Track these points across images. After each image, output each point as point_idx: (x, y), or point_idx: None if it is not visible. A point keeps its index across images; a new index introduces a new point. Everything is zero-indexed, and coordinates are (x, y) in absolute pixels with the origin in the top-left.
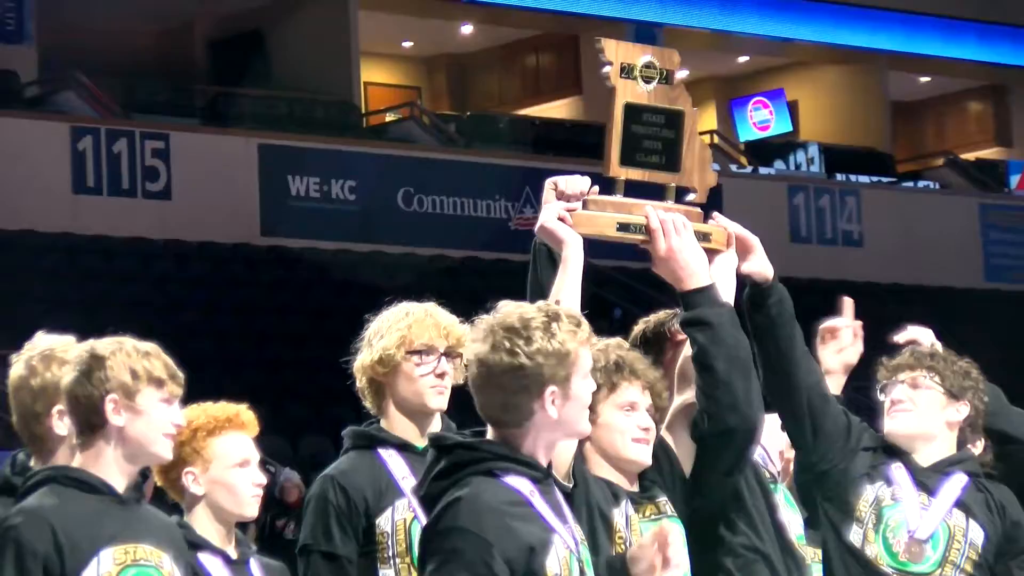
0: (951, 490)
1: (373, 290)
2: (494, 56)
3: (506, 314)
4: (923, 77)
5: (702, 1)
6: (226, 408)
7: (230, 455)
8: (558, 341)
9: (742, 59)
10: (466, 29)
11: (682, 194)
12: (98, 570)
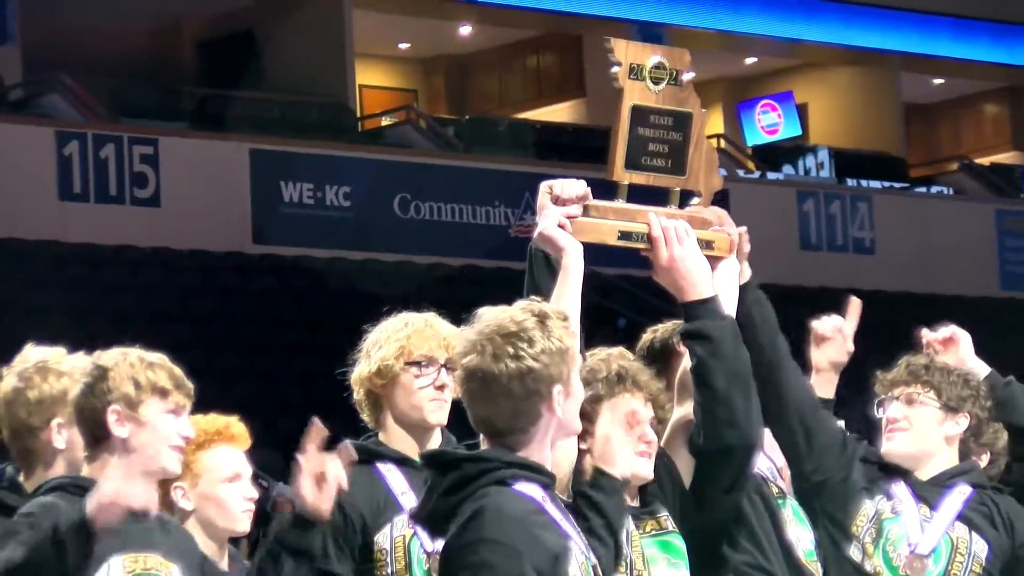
0: (953, 503)
1: (369, 300)
2: (494, 57)
3: (497, 320)
4: (937, 79)
5: (708, 0)
6: (216, 421)
7: (220, 469)
8: (556, 338)
9: (749, 60)
10: (465, 29)
11: (687, 198)
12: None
